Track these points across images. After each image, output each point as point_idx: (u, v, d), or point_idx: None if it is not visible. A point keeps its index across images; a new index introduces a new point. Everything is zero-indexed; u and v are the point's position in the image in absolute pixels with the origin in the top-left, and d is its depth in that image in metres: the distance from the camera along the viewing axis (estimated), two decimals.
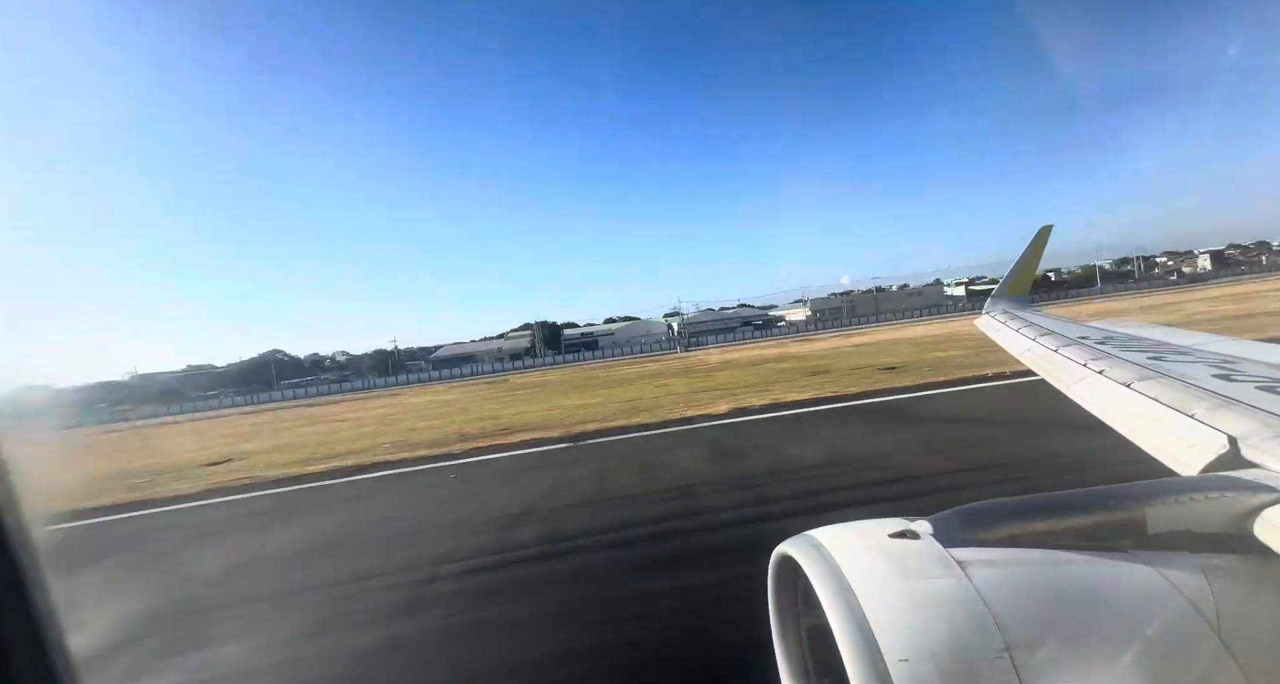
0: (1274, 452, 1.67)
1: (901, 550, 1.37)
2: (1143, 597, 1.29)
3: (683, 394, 23.06)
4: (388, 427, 25.09)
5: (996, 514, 1.46)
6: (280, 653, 5.80)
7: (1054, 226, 6.20)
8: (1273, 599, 1.32)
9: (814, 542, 1.45)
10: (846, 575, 1.30)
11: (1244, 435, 1.83)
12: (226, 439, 27.96)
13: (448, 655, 5.42)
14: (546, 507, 9.58)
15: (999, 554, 1.35)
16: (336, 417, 34.18)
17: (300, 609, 6.82)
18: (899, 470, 9.20)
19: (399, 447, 18.11)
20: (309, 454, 18.92)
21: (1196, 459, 1.88)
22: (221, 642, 6.11)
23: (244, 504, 13.14)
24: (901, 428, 12.67)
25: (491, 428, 19.80)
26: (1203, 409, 2.14)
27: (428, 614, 6.17)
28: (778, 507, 8.23)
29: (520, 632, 5.65)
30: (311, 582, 7.65)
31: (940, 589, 1.26)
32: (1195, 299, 45.91)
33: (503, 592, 6.58)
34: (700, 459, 11.81)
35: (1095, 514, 1.43)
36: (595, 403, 23.70)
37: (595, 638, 5.32)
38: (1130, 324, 4.57)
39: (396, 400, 43.86)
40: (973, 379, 16.81)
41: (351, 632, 6.04)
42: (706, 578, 6.17)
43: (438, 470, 13.84)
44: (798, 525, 1.62)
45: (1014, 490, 1.67)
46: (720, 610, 5.20)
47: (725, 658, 4.51)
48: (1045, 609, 1.26)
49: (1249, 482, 1.52)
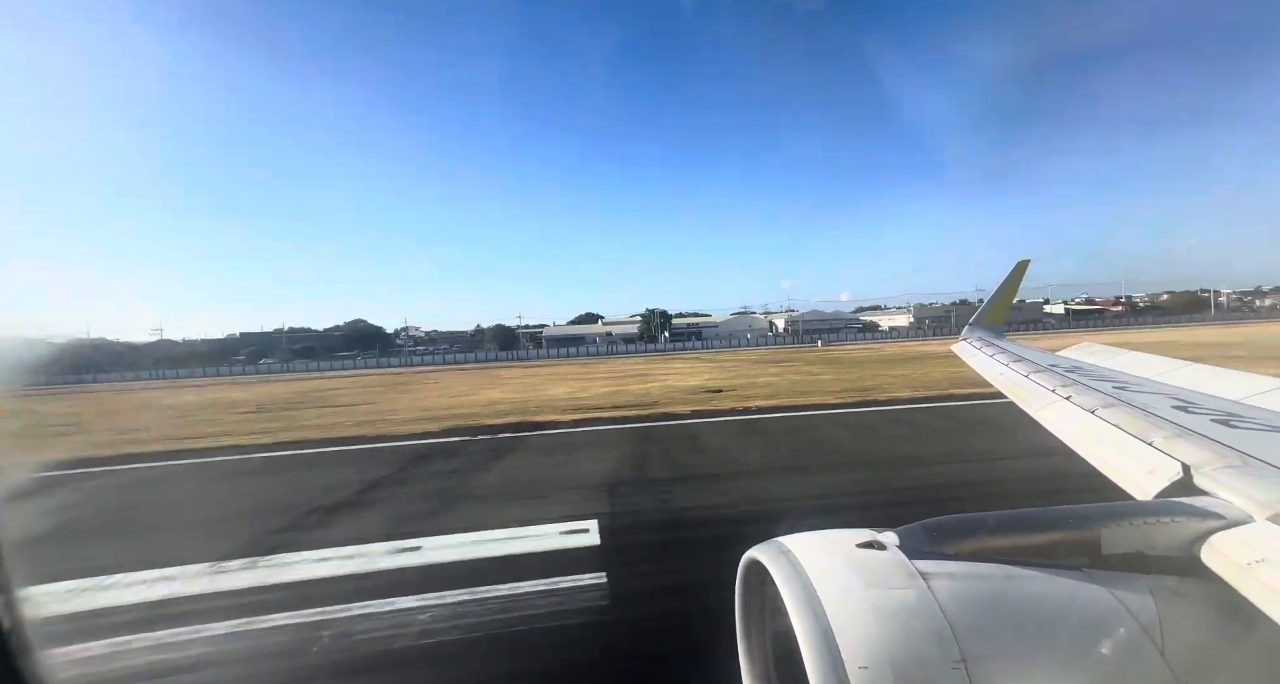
0: (1224, 481, 1.75)
1: (867, 560, 1.40)
2: (1094, 615, 1.34)
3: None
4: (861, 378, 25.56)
5: (961, 528, 1.50)
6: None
7: (1030, 260, 6.46)
8: (1216, 623, 1.37)
9: (783, 548, 1.47)
10: (813, 583, 1.33)
11: (1197, 464, 1.91)
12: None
13: None
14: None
15: (961, 567, 1.39)
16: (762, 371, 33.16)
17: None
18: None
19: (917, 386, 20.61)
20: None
21: (1152, 484, 1.95)
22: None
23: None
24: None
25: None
26: (1161, 437, 2.23)
27: None
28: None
29: None
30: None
31: (902, 599, 1.29)
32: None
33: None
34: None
35: (1054, 532, 1.48)
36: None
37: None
38: (1099, 349, 4.72)
39: (696, 364, 43.35)
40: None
41: None
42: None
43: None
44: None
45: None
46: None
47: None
48: (1001, 623, 1.30)
49: (1198, 508, 1.58)
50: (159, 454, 15.23)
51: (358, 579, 6.42)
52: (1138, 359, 4.16)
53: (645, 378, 32.16)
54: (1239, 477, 1.75)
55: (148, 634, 5.36)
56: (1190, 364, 3.61)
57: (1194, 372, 3.49)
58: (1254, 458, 1.89)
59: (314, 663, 4.91)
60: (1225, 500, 1.65)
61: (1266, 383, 2.96)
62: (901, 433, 13.42)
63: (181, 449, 15.85)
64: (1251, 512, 1.55)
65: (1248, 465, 1.83)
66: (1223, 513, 1.54)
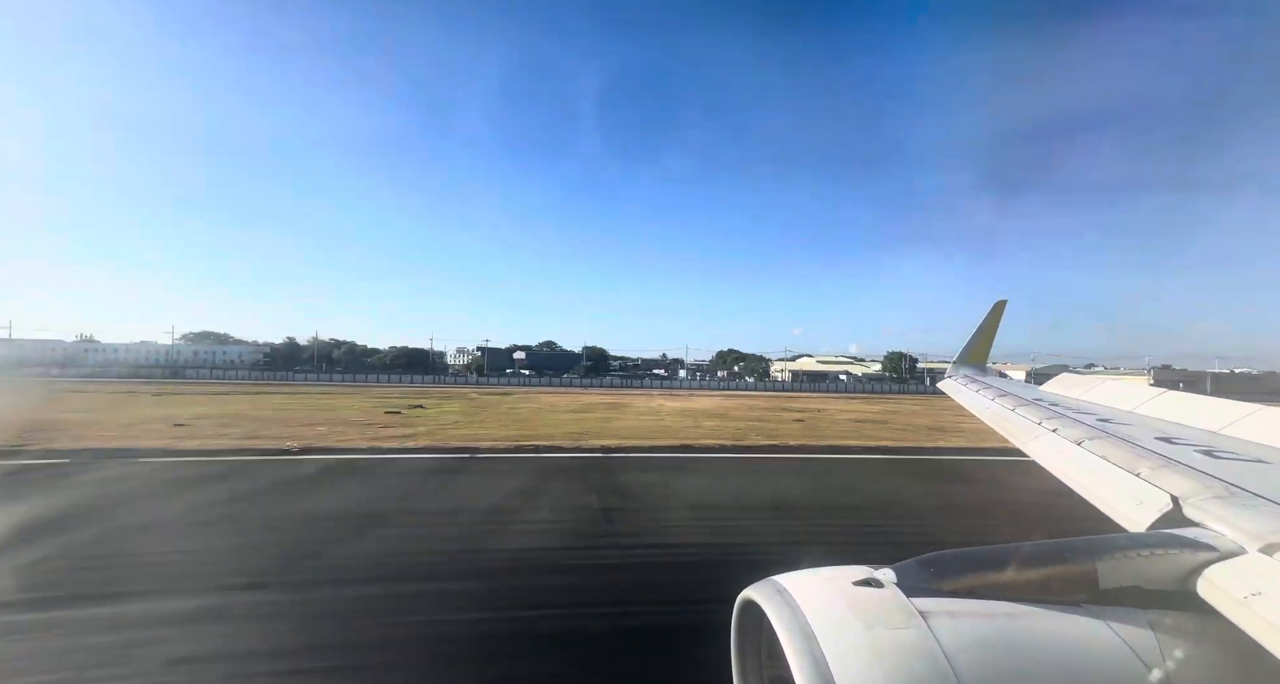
0: (1212, 511, 1.76)
1: (865, 599, 1.37)
2: (1094, 651, 1.31)
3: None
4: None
5: (958, 564, 1.48)
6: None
7: (1007, 301, 6.70)
8: (1214, 656, 1.36)
9: (778, 587, 1.44)
10: (810, 623, 1.29)
11: (1185, 495, 1.92)
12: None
13: None
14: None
15: (960, 605, 1.37)
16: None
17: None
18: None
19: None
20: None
21: (1143, 516, 1.95)
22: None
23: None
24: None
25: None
26: (1147, 469, 2.25)
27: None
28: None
29: None
30: None
31: (902, 640, 1.26)
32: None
33: None
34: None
35: (1051, 567, 1.47)
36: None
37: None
38: (1078, 380, 4.80)
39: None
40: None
41: None
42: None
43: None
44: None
45: None
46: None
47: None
48: (1002, 661, 1.27)
49: (1191, 540, 1.58)
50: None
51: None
52: (1116, 389, 4.24)
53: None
54: (1226, 507, 1.76)
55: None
56: (1168, 392, 3.68)
57: (1172, 400, 3.56)
58: (1239, 488, 1.91)
59: None
60: (1216, 532, 1.66)
61: (1240, 409, 3.02)
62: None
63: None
64: (1243, 543, 1.56)
65: (1234, 495, 1.84)
66: (1215, 545, 1.55)
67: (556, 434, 19.67)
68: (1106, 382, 4.50)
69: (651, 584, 6.84)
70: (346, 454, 15.32)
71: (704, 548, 8.11)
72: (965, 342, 6.89)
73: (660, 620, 5.78)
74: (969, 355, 6.75)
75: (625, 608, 6.17)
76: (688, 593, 6.44)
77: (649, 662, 5.08)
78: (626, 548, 8.15)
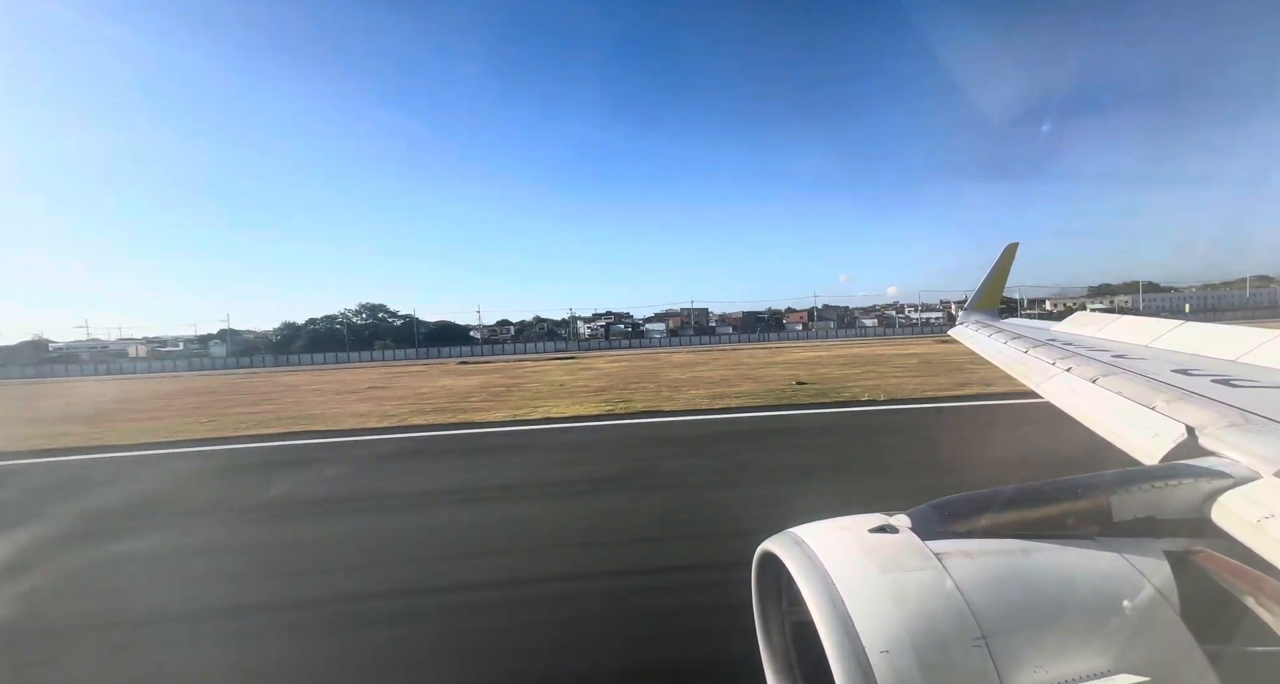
0: (1228, 440, 1.75)
1: (881, 545, 1.40)
2: (1110, 583, 1.34)
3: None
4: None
5: (971, 506, 1.50)
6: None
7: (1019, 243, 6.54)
8: (1229, 582, 1.38)
9: (796, 539, 1.47)
10: (828, 571, 1.33)
11: (1201, 425, 1.92)
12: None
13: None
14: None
15: (974, 545, 1.39)
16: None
17: None
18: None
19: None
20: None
21: (1157, 448, 1.95)
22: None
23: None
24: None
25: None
26: (1163, 401, 2.23)
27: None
28: None
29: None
30: None
31: (919, 581, 1.29)
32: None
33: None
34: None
35: (1064, 503, 1.49)
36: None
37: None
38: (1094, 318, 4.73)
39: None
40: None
41: None
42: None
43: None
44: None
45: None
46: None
47: None
48: (1018, 597, 1.30)
49: (1205, 469, 1.59)
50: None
51: None
52: (1132, 324, 4.17)
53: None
54: (1242, 435, 1.75)
55: None
56: (1185, 324, 3.62)
57: (1189, 331, 3.50)
58: (1256, 415, 1.89)
59: None
60: (1231, 459, 1.66)
61: (1258, 336, 2.97)
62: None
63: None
64: (1258, 468, 1.56)
65: (1250, 423, 1.83)
66: (1229, 472, 1.55)
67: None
68: (1122, 318, 4.42)
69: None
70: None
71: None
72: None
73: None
74: (980, 300, 6.63)
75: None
76: None
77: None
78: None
